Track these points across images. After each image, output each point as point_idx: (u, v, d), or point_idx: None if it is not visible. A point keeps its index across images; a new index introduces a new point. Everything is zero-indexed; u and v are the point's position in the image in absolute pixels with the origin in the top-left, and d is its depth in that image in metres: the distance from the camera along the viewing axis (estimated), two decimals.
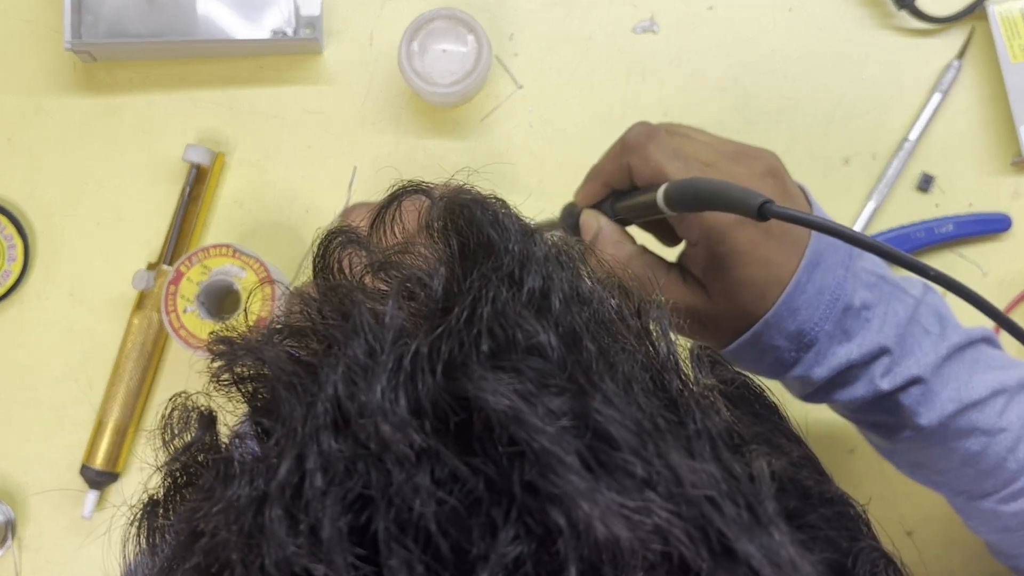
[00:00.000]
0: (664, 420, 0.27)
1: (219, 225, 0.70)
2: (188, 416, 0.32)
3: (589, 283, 0.31)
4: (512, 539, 0.24)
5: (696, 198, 0.42)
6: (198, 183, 0.69)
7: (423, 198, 0.35)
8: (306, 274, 0.68)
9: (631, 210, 0.49)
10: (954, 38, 0.70)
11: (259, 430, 0.29)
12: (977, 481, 0.50)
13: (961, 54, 0.70)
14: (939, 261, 0.70)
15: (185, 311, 0.63)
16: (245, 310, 0.63)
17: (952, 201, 0.70)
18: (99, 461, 0.67)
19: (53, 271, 0.70)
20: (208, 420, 0.32)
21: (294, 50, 0.70)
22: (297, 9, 0.69)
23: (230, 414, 0.33)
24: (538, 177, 0.70)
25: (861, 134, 0.70)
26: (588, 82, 0.71)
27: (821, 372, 0.49)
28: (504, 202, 0.34)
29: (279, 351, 0.29)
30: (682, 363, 0.31)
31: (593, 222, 0.51)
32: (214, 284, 0.63)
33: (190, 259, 0.63)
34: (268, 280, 0.63)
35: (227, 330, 0.32)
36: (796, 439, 0.33)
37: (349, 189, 0.70)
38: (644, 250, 0.50)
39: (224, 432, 0.32)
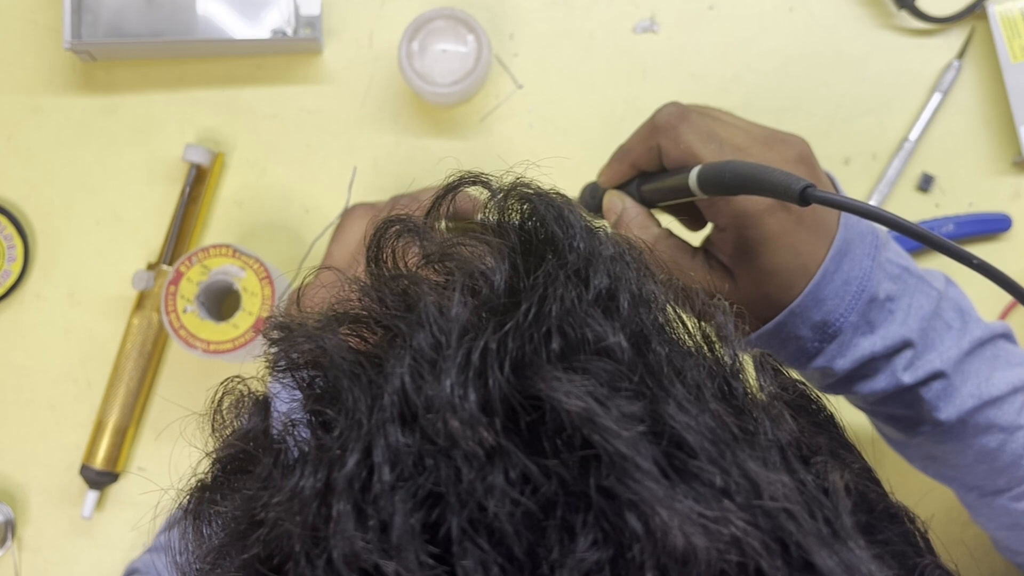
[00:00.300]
0: (738, 428, 0.26)
1: (218, 225, 0.70)
2: (242, 402, 0.31)
3: (653, 284, 0.30)
4: (590, 545, 0.24)
5: (733, 182, 0.41)
6: (198, 183, 0.69)
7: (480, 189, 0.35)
8: (306, 274, 0.68)
9: (659, 192, 0.48)
10: (954, 38, 0.70)
11: (316, 419, 0.28)
12: (991, 477, 0.50)
13: (961, 54, 0.70)
14: (939, 261, 0.70)
15: (185, 311, 0.62)
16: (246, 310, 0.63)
17: (952, 201, 0.70)
18: (99, 461, 0.67)
19: (53, 271, 0.70)
20: (264, 407, 0.31)
21: (294, 50, 0.70)
22: (297, 9, 0.68)
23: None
24: (538, 177, 0.70)
25: (861, 134, 0.70)
26: (588, 82, 0.70)
27: (843, 364, 0.48)
28: (567, 197, 0.33)
29: (339, 339, 0.29)
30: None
31: (617, 203, 0.50)
32: (214, 284, 0.63)
33: (190, 259, 0.63)
34: (268, 280, 0.63)
35: (284, 315, 0.31)
36: (854, 450, 0.32)
37: (349, 190, 0.70)
38: (669, 233, 0.49)
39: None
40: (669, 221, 0.51)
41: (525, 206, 0.32)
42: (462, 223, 0.33)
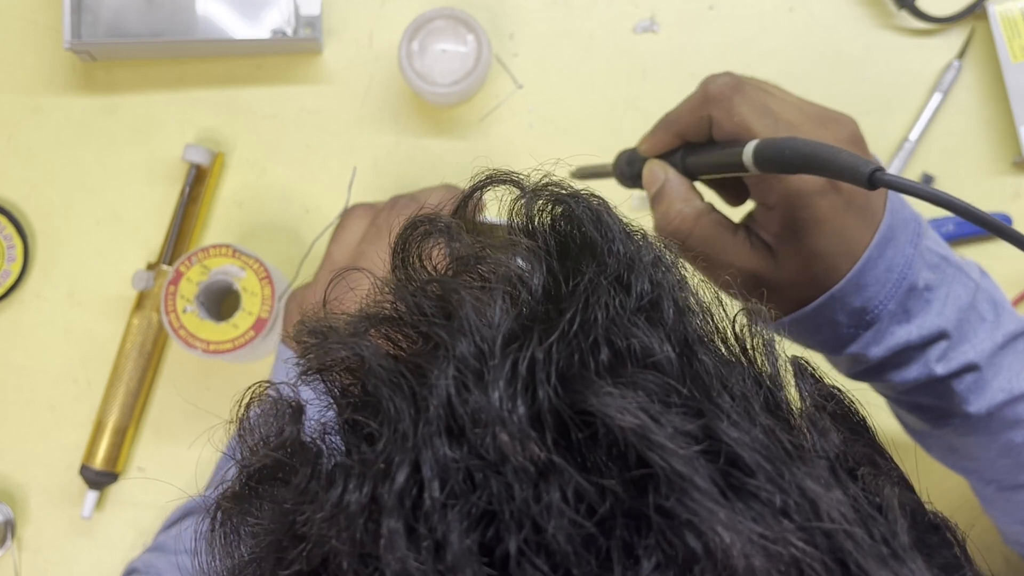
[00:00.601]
0: (790, 443, 0.26)
1: (218, 225, 0.70)
2: (274, 408, 0.30)
3: (691, 291, 0.30)
4: (654, 567, 0.23)
5: (794, 160, 0.40)
6: (197, 183, 0.69)
7: (511, 188, 0.33)
8: (305, 275, 0.68)
9: (706, 165, 0.47)
10: (954, 38, 0.70)
11: (354, 429, 0.27)
12: (1012, 472, 0.49)
13: (961, 54, 0.70)
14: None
15: (185, 311, 0.62)
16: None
17: None
18: (99, 461, 0.67)
19: (52, 271, 0.70)
20: (297, 413, 0.30)
21: (294, 50, 0.70)
22: (297, 8, 0.68)
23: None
24: (538, 177, 0.70)
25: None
26: (588, 82, 0.70)
27: (877, 351, 0.47)
28: (603, 199, 0.32)
29: (377, 346, 0.27)
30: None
31: (660, 173, 0.48)
32: (214, 284, 0.63)
33: (190, 259, 0.63)
34: (268, 280, 0.63)
35: (317, 320, 0.30)
36: (889, 456, 0.31)
37: (349, 190, 0.70)
38: (712, 208, 0.47)
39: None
40: (709, 197, 0.49)
41: (558, 208, 0.31)
42: (486, 226, 0.32)
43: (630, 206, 0.66)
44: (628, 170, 0.51)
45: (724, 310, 0.30)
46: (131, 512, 0.69)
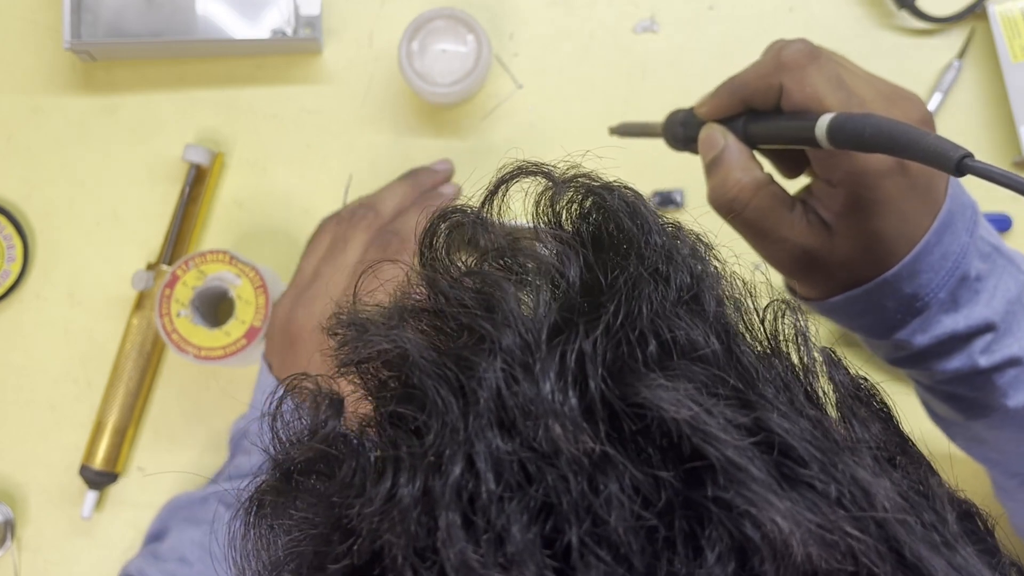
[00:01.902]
0: (838, 434, 0.26)
1: (218, 225, 0.70)
2: (314, 400, 0.29)
3: (727, 284, 0.30)
4: (717, 559, 0.23)
5: (874, 139, 0.37)
6: (197, 183, 0.69)
7: (541, 180, 0.32)
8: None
9: (771, 135, 0.44)
10: (954, 38, 0.70)
11: (397, 421, 0.27)
12: None
13: (961, 54, 0.70)
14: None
15: (179, 315, 0.62)
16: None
17: None
18: (98, 461, 0.67)
19: (52, 271, 0.70)
20: (337, 406, 0.29)
21: (293, 50, 0.70)
22: (296, 8, 0.68)
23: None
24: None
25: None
26: (588, 82, 0.70)
27: (922, 340, 0.45)
28: (636, 191, 0.31)
29: (420, 339, 0.27)
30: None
31: (719, 138, 0.46)
32: (209, 290, 0.63)
33: (187, 263, 0.63)
34: (263, 289, 0.63)
35: (353, 311, 0.29)
36: (914, 444, 0.31)
37: (344, 196, 0.70)
38: (771, 180, 0.45)
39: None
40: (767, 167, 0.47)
41: (589, 199, 0.30)
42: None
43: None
44: (681, 132, 0.49)
45: (754, 301, 0.30)
46: (131, 512, 0.69)
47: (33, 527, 0.69)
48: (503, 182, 0.33)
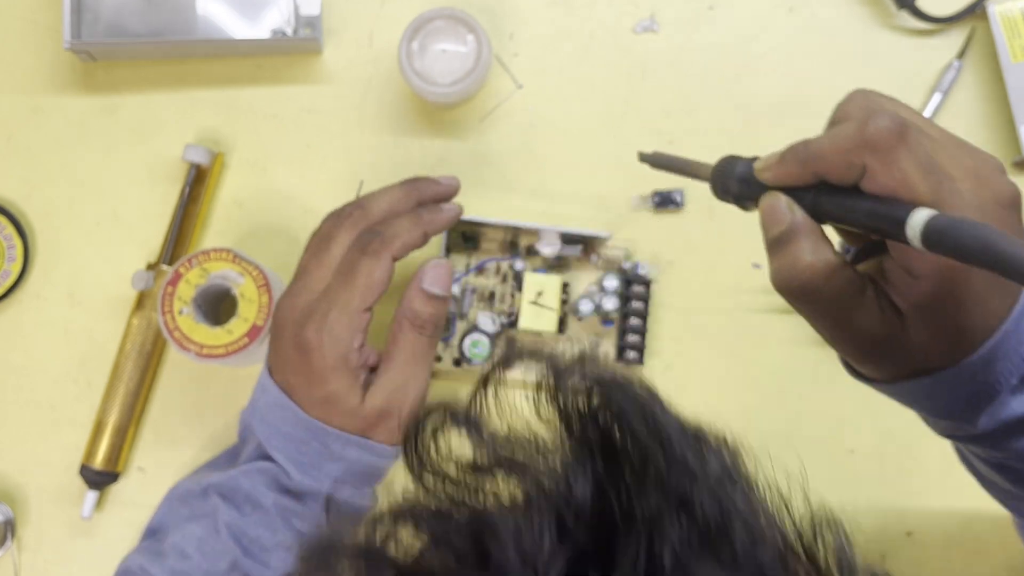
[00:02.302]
0: None
1: (218, 225, 0.70)
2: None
3: (762, 508, 0.26)
4: None
5: (977, 254, 0.33)
6: (197, 183, 0.69)
7: (543, 369, 0.28)
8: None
9: (848, 218, 0.40)
10: (954, 38, 0.70)
11: None
12: None
13: (961, 54, 0.70)
14: None
15: (181, 313, 0.62)
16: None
17: None
18: (99, 461, 0.67)
19: (52, 271, 0.70)
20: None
21: (293, 50, 0.70)
22: (296, 8, 0.68)
23: None
24: (538, 177, 0.70)
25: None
26: (588, 81, 0.70)
27: (987, 423, 0.43)
28: (654, 392, 0.27)
29: None
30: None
31: (786, 213, 0.41)
32: (211, 288, 0.63)
33: (189, 261, 0.63)
34: (266, 288, 0.63)
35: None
36: None
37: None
38: (844, 262, 0.41)
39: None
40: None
41: (596, 395, 0.27)
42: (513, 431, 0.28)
43: (629, 206, 0.66)
44: (738, 188, 0.44)
45: (791, 511, 0.27)
46: (131, 512, 0.69)
47: (33, 527, 0.69)
48: (497, 367, 0.29)
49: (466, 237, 0.68)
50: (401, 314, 0.60)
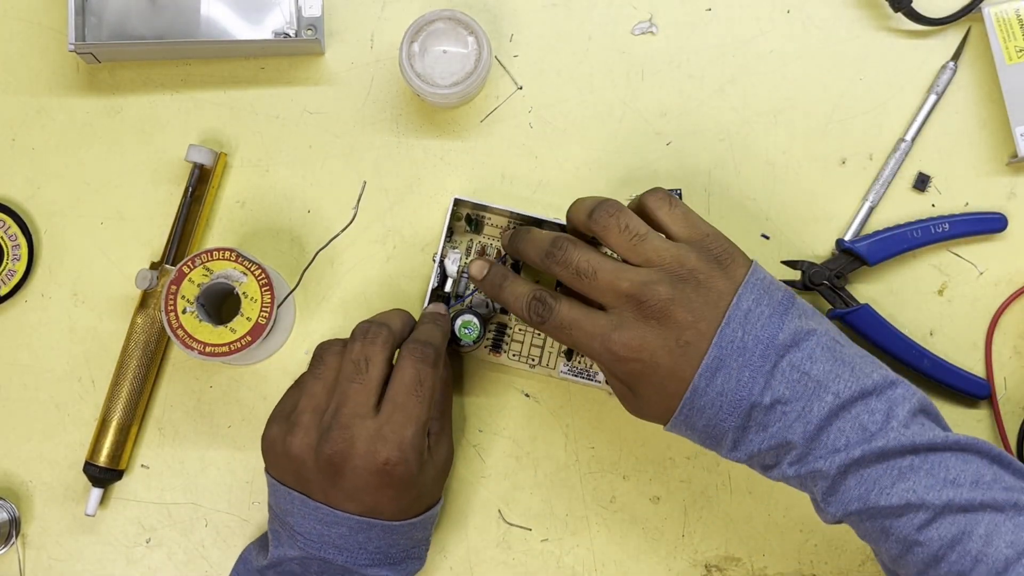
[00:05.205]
0: None
1: (221, 225, 0.71)
2: None
3: None
4: None
5: None
6: (201, 183, 0.69)
7: None
8: (307, 283, 0.69)
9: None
10: (950, 40, 0.71)
11: None
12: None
13: (956, 55, 0.70)
14: (936, 260, 0.70)
15: (184, 311, 0.63)
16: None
17: (948, 200, 0.70)
18: (102, 459, 0.67)
19: (57, 270, 0.71)
20: None
21: (296, 51, 0.71)
22: (299, 10, 0.69)
23: None
24: (538, 177, 0.70)
25: (858, 134, 0.71)
26: (587, 83, 0.71)
27: (737, 456, 0.55)
28: None
29: None
30: None
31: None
32: (214, 287, 0.64)
33: (193, 260, 0.63)
34: (269, 287, 0.64)
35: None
36: None
37: (357, 204, 0.70)
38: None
39: None
40: None
41: None
42: None
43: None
44: None
45: None
46: (135, 509, 0.70)
47: (38, 524, 0.69)
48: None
49: (470, 220, 0.69)
50: (445, 371, 0.64)
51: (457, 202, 0.67)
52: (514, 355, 0.68)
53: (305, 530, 0.58)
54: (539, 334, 0.68)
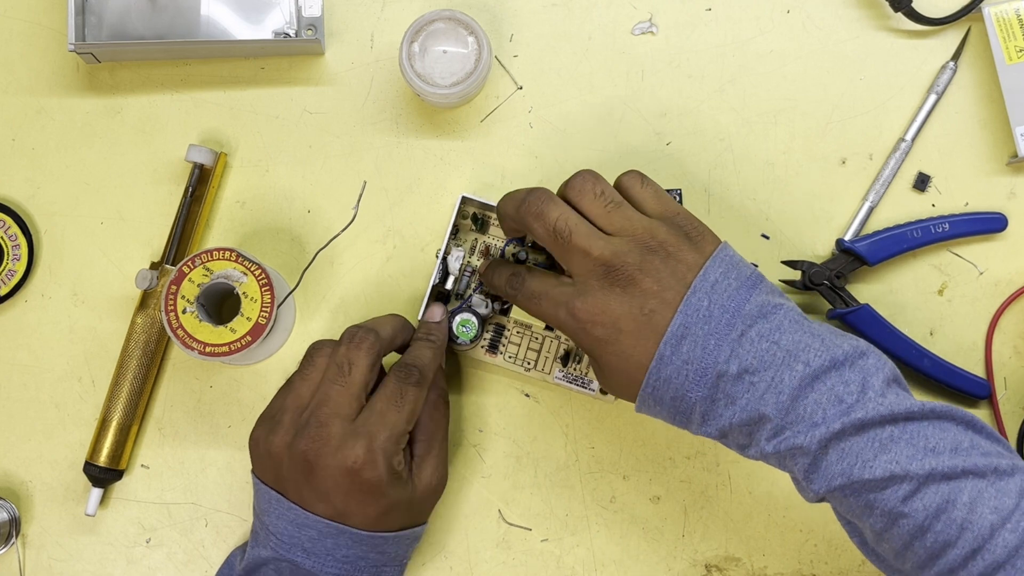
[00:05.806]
0: None
1: (221, 225, 0.71)
2: None
3: None
4: None
5: None
6: (200, 183, 0.69)
7: None
8: (307, 283, 0.69)
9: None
10: (950, 40, 0.71)
11: None
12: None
13: (956, 55, 0.70)
14: (936, 260, 0.70)
15: (184, 311, 0.63)
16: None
17: (948, 200, 0.70)
18: (102, 459, 0.67)
19: (57, 270, 0.71)
20: None
21: (296, 51, 0.71)
22: (299, 10, 0.69)
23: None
24: (538, 177, 0.70)
25: (858, 134, 0.71)
26: (587, 83, 0.71)
27: (708, 431, 0.54)
28: None
29: None
30: None
31: None
32: (214, 287, 0.64)
33: (193, 260, 0.63)
34: (268, 287, 0.64)
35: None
36: None
37: (357, 204, 0.70)
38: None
39: None
40: None
41: None
42: None
43: None
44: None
45: None
46: (135, 509, 0.70)
47: (38, 524, 0.69)
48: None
49: (475, 219, 0.69)
50: (437, 394, 0.64)
51: (464, 200, 0.67)
52: (510, 357, 0.68)
53: (278, 530, 0.59)
54: (535, 337, 0.68)
